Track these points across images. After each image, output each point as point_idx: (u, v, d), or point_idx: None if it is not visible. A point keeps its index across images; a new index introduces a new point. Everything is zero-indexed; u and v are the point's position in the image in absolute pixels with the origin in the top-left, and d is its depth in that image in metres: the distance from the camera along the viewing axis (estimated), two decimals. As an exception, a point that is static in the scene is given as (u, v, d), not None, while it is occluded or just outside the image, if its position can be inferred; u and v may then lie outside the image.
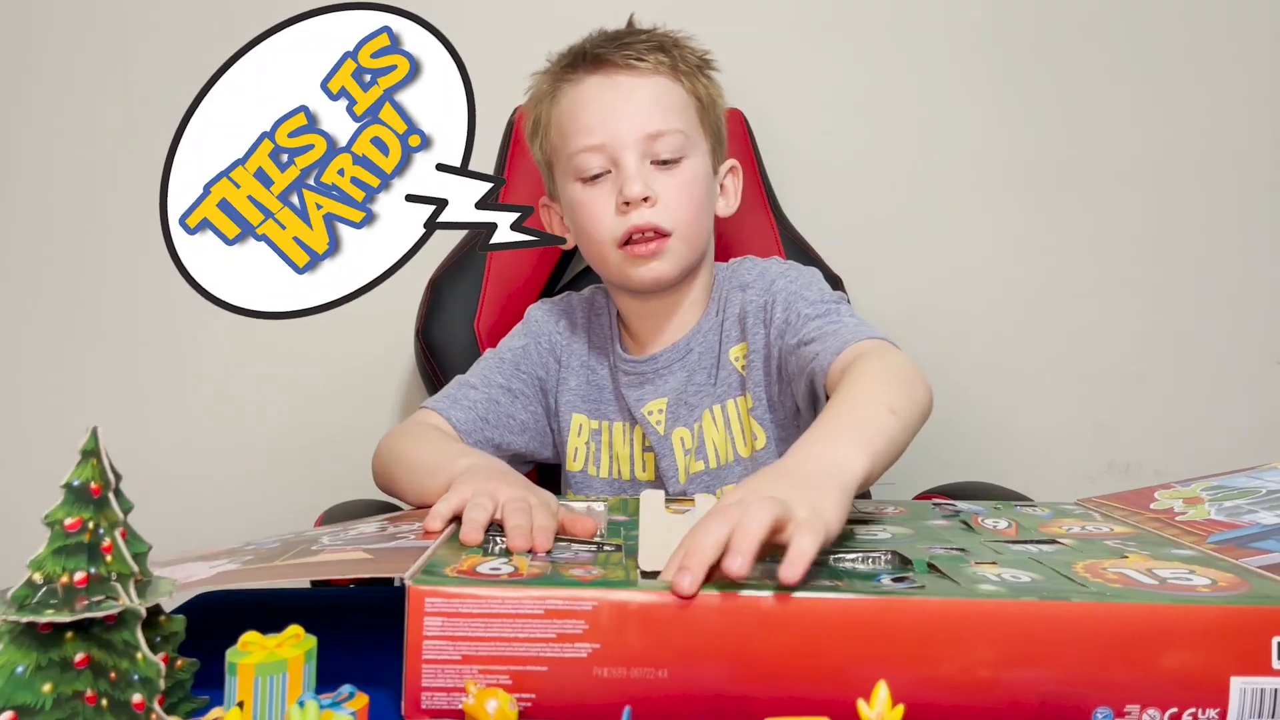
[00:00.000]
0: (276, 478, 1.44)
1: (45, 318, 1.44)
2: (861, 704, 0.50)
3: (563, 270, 1.35)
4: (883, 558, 0.69)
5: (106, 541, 0.50)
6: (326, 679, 0.57)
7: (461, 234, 1.31)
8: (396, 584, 1.12)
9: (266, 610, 0.70)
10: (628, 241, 0.98)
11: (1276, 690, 0.56)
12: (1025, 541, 0.74)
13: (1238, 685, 0.56)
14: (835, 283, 1.31)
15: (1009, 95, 1.50)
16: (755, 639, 0.57)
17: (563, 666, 0.57)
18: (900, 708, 0.50)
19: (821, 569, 0.64)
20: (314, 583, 1.06)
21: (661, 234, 0.98)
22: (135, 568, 0.51)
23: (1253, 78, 1.51)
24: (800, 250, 1.32)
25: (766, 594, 0.57)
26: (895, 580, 0.63)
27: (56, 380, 1.44)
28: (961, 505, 0.87)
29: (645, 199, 0.96)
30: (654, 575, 0.61)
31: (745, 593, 0.57)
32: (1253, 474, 0.87)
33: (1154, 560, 0.67)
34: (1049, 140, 1.51)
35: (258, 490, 1.44)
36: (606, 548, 0.70)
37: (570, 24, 1.08)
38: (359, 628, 0.76)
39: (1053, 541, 0.74)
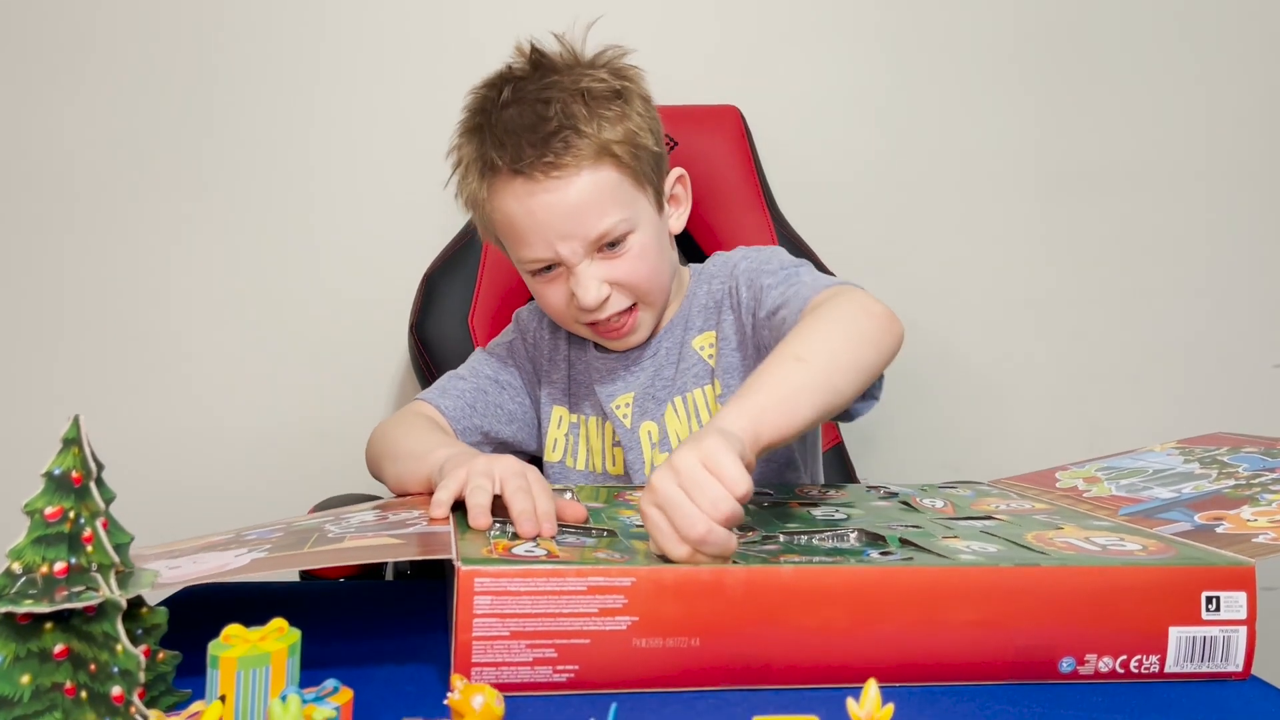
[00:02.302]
0: (269, 471, 1.44)
1: (35, 309, 1.43)
2: (851, 703, 0.50)
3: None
4: (851, 535, 0.75)
5: (87, 531, 0.49)
6: (311, 673, 0.56)
7: (456, 230, 1.31)
8: (388, 577, 1.12)
9: (250, 603, 0.70)
10: (592, 324, 0.99)
11: (1206, 638, 0.65)
12: (965, 518, 0.80)
13: (1175, 634, 0.65)
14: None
15: (1007, 97, 1.50)
16: (774, 607, 0.62)
17: (604, 639, 0.60)
18: (890, 707, 0.50)
19: (794, 546, 0.70)
20: (302, 575, 1.06)
21: (630, 309, 0.99)
22: (116, 558, 0.50)
23: (1254, 83, 1.51)
24: (797, 248, 1.32)
25: (785, 567, 0.63)
26: (881, 554, 0.68)
27: (46, 371, 1.43)
28: (894, 487, 0.93)
29: (604, 299, 0.97)
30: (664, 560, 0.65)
31: (767, 566, 0.63)
32: (1135, 456, 0.96)
33: (1086, 531, 0.74)
34: (1047, 143, 1.50)
35: (250, 484, 1.43)
36: (601, 533, 0.73)
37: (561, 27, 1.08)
38: (344, 621, 0.76)
39: (989, 517, 0.80)
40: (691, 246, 1.31)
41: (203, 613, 0.61)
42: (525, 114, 0.95)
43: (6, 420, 1.43)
